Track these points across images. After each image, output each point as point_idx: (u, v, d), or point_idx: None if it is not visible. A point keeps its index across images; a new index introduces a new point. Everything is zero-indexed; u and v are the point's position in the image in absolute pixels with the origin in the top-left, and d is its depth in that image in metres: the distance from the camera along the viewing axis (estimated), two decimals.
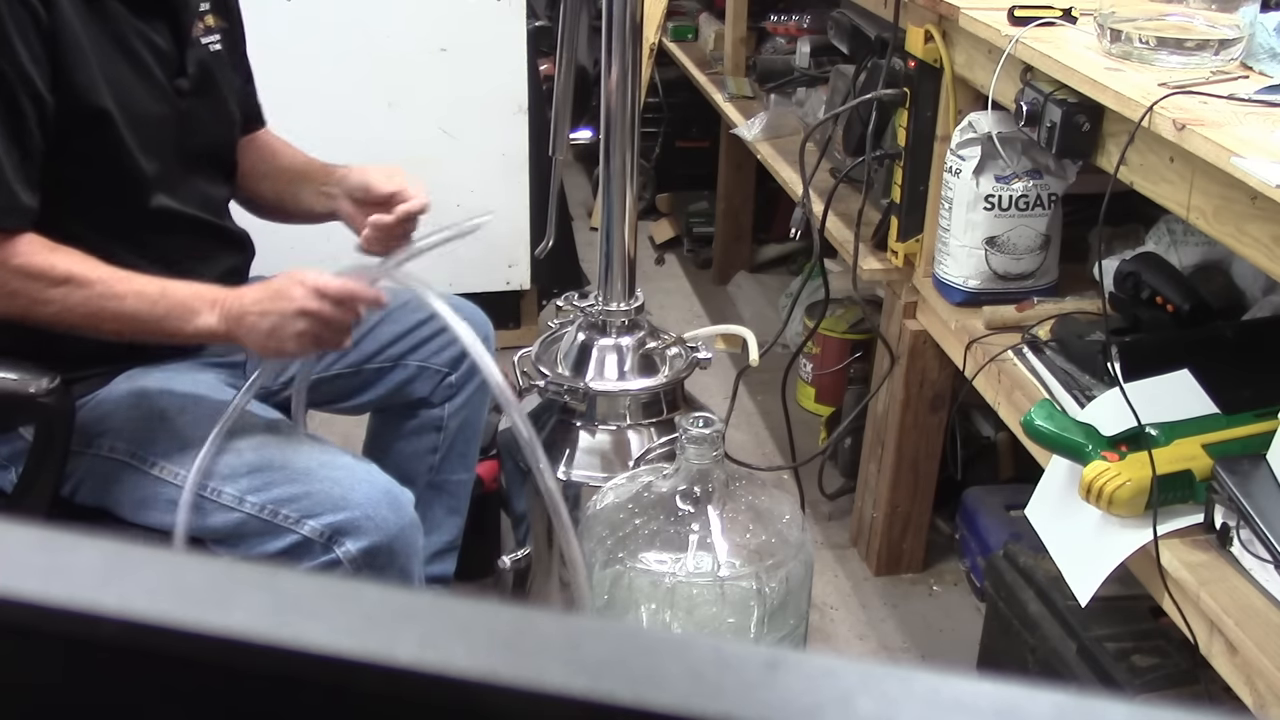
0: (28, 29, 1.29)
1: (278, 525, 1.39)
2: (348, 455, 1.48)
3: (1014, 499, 1.99)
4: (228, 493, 1.40)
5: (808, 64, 2.86)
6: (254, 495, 1.39)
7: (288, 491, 1.39)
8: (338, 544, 1.38)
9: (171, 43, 1.46)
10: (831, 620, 2.14)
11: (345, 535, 1.38)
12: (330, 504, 1.39)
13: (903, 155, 1.99)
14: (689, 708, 0.29)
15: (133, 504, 1.44)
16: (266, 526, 1.39)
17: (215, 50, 1.54)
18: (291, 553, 1.40)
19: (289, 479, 1.40)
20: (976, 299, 1.89)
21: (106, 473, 1.44)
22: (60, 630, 0.32)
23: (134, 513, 1.44)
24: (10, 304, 1.33)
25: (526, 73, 2.73)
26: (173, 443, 1.42)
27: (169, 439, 1.43)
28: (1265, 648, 1.22)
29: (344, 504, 1.39)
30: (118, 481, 1.43)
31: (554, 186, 1.92)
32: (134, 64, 1.41)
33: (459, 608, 0.32)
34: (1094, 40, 1.54)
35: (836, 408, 2.63)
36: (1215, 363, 1.52)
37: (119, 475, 1.43)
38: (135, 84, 1.41)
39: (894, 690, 0.29)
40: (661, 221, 3.72)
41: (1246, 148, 1.18)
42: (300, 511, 1.39)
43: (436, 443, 1.75)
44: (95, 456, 1.44)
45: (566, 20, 1.77)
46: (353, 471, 1.43)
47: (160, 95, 1.44)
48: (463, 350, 1.73)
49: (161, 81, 1.44)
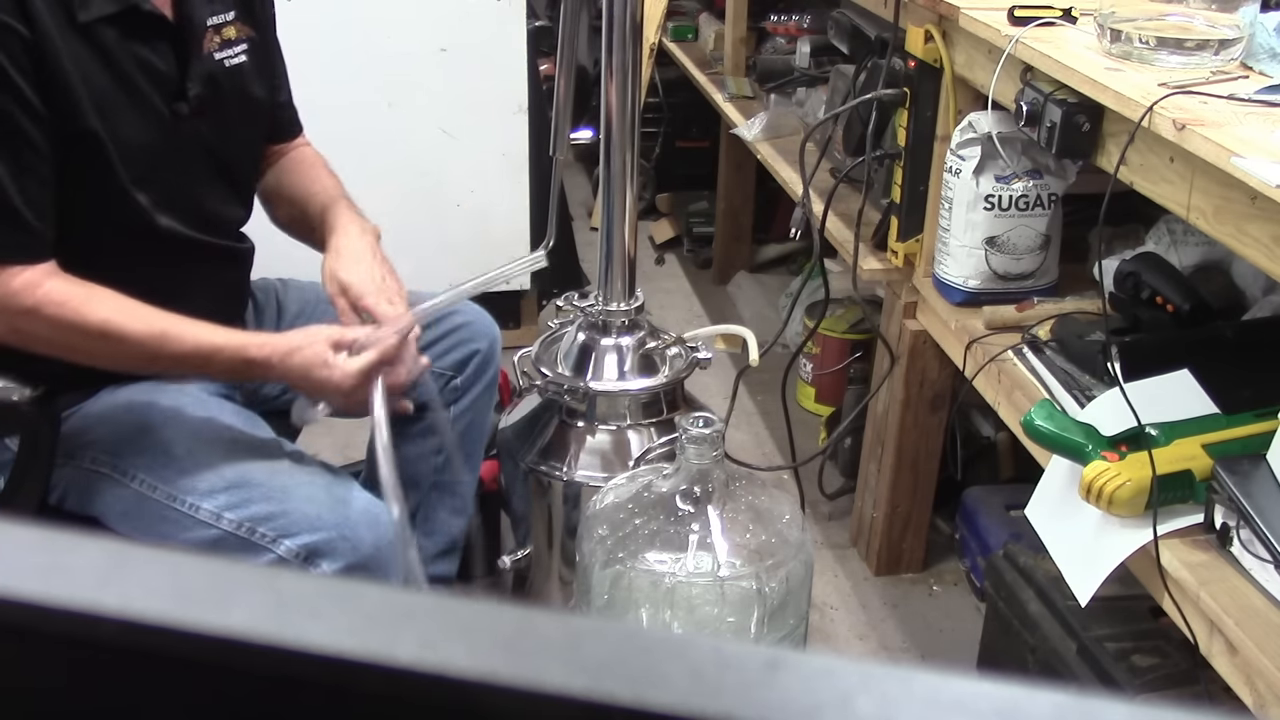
0: (18, 54, 1.26)
1: (254, 544, 1.37)
2: (327, 473, 1.46)
3: (1014, 499, 1.99)
4: (205, 508, 1.38)
5: (808, 64, 2.86)
6: (231, 512, 1.37)
7: (264, 510, 1.37)
8: (314, 565, 1.37)
9: (174, 63, 1.41)
10: (831, 620, 2.14)
11: (321, 556, 1.37)
12: (306, 524, 1.36)
13: (903, 155, 1.99)
14: (689, 708, 0.29)
15: (116, 515, 1.42)
16: (243, 544, 1.37)
17: (234, 64, 1.49)
18: None
19: (265, 496, 1.38)
20: (976, 299, 1.89)
21: (89, 484, 1.43)
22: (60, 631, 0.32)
23: (118, 524, 1.43)
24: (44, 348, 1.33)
25: (526, 73, 2.73)
26: (154, 456, 1.41)
27: (150, 452, 1.41)
28: (1265, 648, 1.22)
29: (319, 524, 1.37)
30: (100, 493, 1.42)
31: (554, 186, 1.92)
32: (125, 87, 1.36)
33: (459, 608, 0.32)
34: (1094, 40, 1.54)
35: (836, 408, 2.63)
36: (1215, 363, 1.52)
37: (101, 487, 1.42)
38: (125, 107, 1.36)
39: (894, 690, 0.29)
40: (661, 221, 3.72)
41: (1246, 148, 1.18)
42: (276, 531, 1.37)
43: (441, 444, 1.75)
44: (78, 468, 1.43)
45: (566, 20, 1.77)
46: (330, 490, 1.41)
47: (155, 120, 1.40)
48: (469, 353, 1.73)
49: (158, 105, 1.40)
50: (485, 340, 1.77)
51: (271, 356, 1.38)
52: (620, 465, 1.74)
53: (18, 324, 1.30)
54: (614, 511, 1.53)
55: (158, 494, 1.39)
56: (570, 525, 1.75)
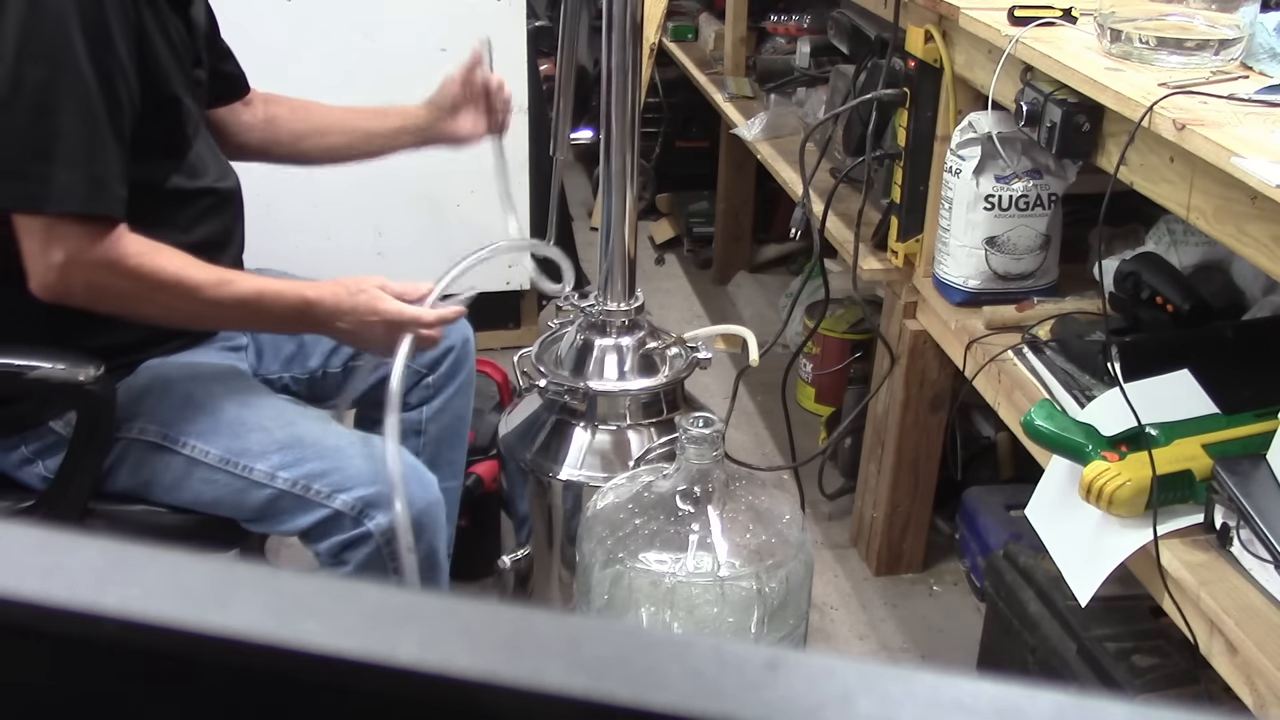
0: (125, 24, 1.32)
1: (309, 500, 1.43)
2: (374, 436, 1.51)
3: (1014, 499, 1.99)
4: (259, 469, 1.44)
5: (808, 64, 2.86)
6: (285, 471, 1.43)
7: (319, 467, 1.44)
8: (368, 517, 1.43)
9: (185, 33, 1.48)
10: (831, 620, 2.14)
11: (375, 508, 1.43)
12: (362, 478, 1.43)
13: (903, 155, 1.99)
14: (689, 708, 0.29)
15: (166, 485, 1.47)
16: (298, 502, 1.43)
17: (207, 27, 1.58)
18: (321, 526, 1.44)
19: (319, 455, 1.44)
20: (976, 299, 1.89)
21: (139, 456, 1.46)
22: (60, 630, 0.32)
23: (168, 493, 1.47)
24: (118, 303, 1.37)
25: (526, 73, 2.73)
26: (204, 422, 1.46)
27: (198, 418, 1.46)
28: (1265, 648, 1.22)
29: (375, 478, 1.43)
30: (150, 464, 1.46)
31: (554, 186, 1.92)
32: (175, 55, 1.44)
33: (459, 608, 0.32)
34: (1094, 40, 1.54)
35: (836, 408, 2.63)
36: (1215, 363, 1.52)
37: (150, 457, 1.46)
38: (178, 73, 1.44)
39: (894, 690, 0.29)
40: (661, 221, 3.72)
41: (1246, 148, 1.18)
42: (332, 486, 1.43)
43: (417, 447, 1.74)
44: (127, 440, 1.46)
45: (566, 20, 1.77)
46: (381, 449, 1.46)
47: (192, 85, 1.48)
48: (443, 353, 1.74)
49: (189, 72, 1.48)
50: (458, 337, 1.77)
51: (330, 297, 1.44)
52: (620, 465, 1.74)
53: (97, 277, 1.33)
54: (614, 512, 1.53)
55: (210, 458, 1.44)
56: (570, 525, 1.75)
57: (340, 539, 1.44)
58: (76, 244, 1.30)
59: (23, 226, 1.31)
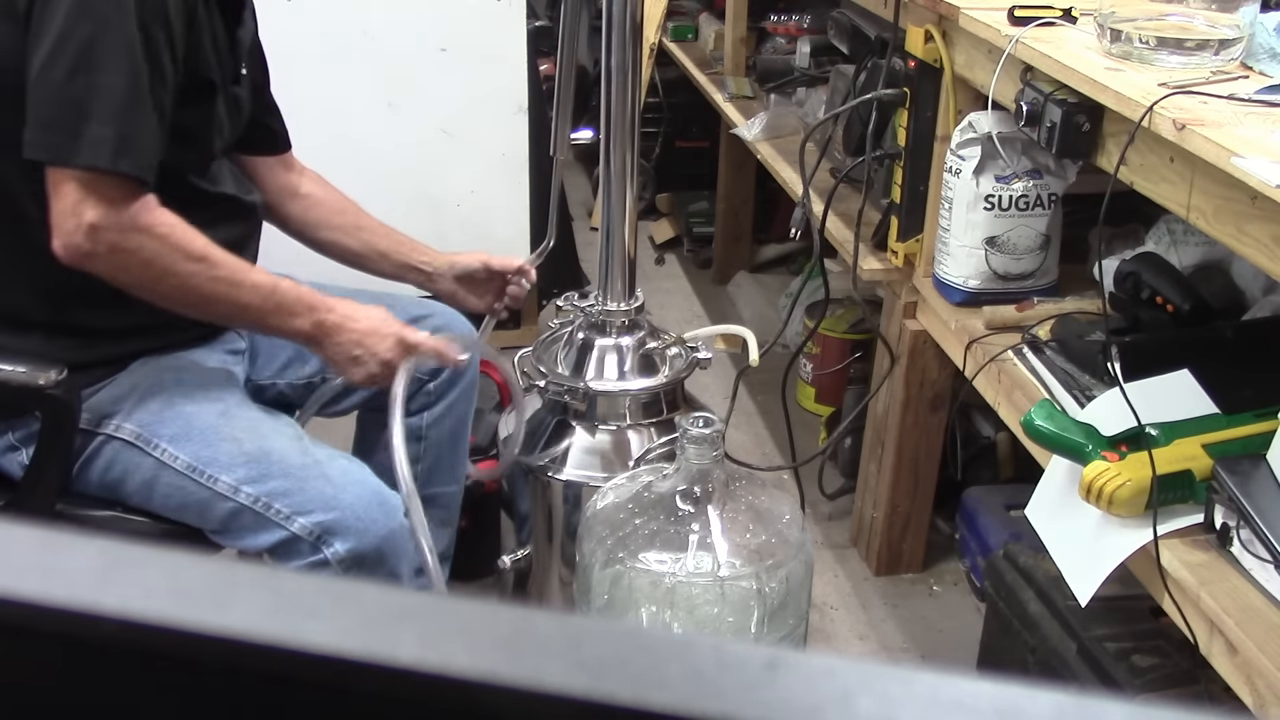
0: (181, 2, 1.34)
1: (269, 519, 1.40)
2: (342, 456, 1.49)
3: (1014, 499, 1.98)
4: (224, 480, 1.41)
5: (808, 64, 2.86)
6: (249, 486, 1.41)
7: (282, 485, 1.41)
8: (326, 544, 1.40)
9: (226, 38, 1.48)
10: (831, 620, 2.14)
11: (334, 535, 1.39)
12: (321, 502, 1.40)
13: (903, 155, 1.99)
14: (689, 708, 0.29)
15: (136, 486, 1.45)
16: (259, 520, 1.40)
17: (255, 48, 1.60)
18: (281, 549, 1.41)
19: (284, 473, 1.41)
20: (976, 299, 1.89)
21: (114, 454, 1.45)
22: (59, 630, 0.32)
23: (138, 495, 1.46)
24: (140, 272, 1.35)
25: (526, 73, 2.73)
26: (178, 427, 1.44)
27: (174, 421, 1.45)
28: (1265, 648, 1.22)
29: (334, 503, 1.40)
30: (123, 463, 1.45)
31: (554, 186, 1.92)
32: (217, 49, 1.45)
33: (459, 608, 0.32)
34: (1094, 40, 1.54)
35: (836, 408, 2.63)
36: (1215, 363, 1.52)
37: (124, 456, 1.45)
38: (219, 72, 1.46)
39: (894, 690, 0.29)
40: (661, 221, 3.72)
41: (1246, 148, 1.18)
42: (292, 507, 1.40)
43: (418, 453, 1.73)
44: (105, 437, 1.45)
45: (566, 20, 1.77)
46: (346, 472, 1.44)
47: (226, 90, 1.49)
48: None
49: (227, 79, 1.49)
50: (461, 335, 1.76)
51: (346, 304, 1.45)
52: (620, 465, 1.74)
53: (125, 241, 1.32)
54: (614, 511, 1.53)
55: (178, 464, 1.42)
56: (570, 525, 1.74)
57: (301, 564, 1.40)
58: (109, 205, 1.29)
59: (55, 182, 1.30)
